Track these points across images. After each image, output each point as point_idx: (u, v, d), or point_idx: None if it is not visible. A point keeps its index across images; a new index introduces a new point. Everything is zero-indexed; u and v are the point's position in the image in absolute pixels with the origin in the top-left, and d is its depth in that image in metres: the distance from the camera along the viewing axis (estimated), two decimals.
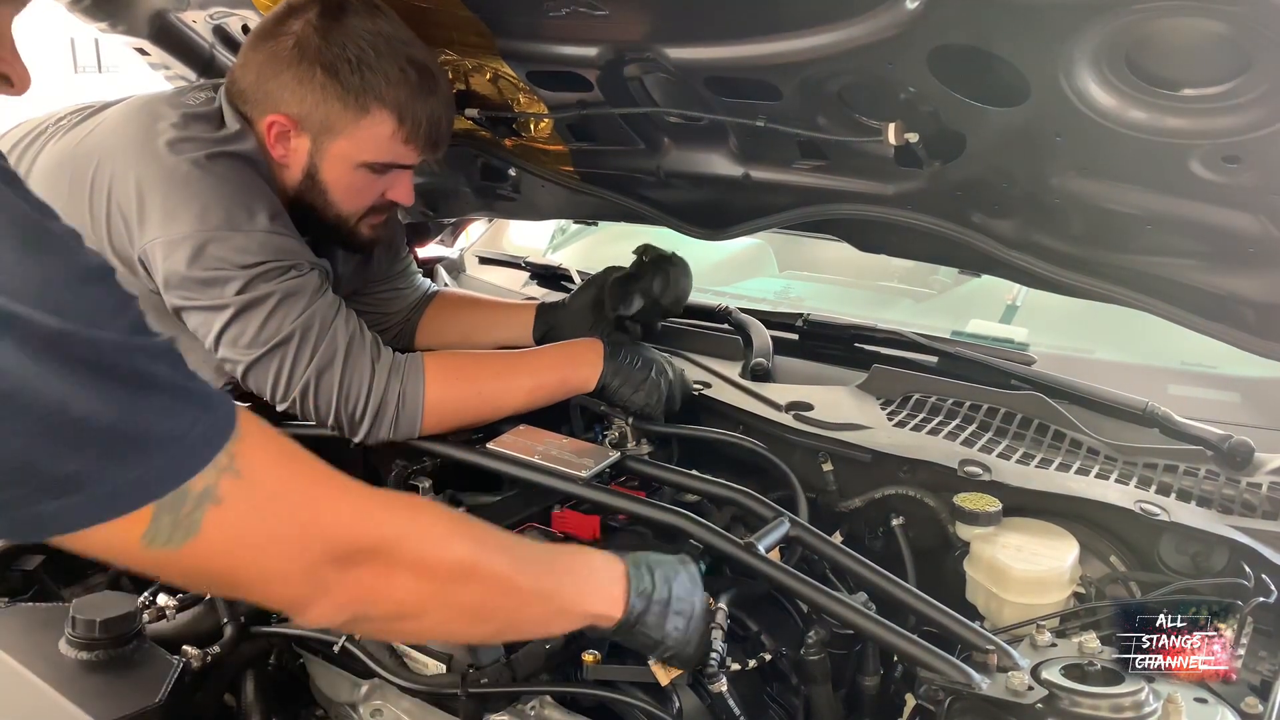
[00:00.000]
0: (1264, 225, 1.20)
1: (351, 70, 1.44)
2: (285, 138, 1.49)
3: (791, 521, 1.31)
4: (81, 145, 1.48)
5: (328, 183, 1.52)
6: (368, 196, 1.57)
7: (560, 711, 1.12)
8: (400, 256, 1.93)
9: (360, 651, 1.14)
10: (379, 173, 1.54)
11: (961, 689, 1.04)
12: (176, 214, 1.38)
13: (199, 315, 1.40)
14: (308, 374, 1.40)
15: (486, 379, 1.54)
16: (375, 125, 1.48)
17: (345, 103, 1.46)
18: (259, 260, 1.38)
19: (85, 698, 1.02)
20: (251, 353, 1.39)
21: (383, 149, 1.50)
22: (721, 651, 1.17)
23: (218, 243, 1.37)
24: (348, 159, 1.50)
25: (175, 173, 1.39)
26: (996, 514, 1.36)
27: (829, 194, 1.61)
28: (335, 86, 1.45)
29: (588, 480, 1.38)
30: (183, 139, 1.42)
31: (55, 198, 1.44)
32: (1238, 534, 1.32)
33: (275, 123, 1.48)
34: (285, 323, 1.38)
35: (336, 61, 1.44)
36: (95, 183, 1.42)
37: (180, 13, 1.84)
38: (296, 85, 1.46)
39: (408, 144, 1.51)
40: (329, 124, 1.47)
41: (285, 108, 1.47)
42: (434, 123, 1.52)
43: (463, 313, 1.96)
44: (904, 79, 1.26)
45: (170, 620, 1.22)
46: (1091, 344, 2.02)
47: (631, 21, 1.41)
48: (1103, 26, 1.03)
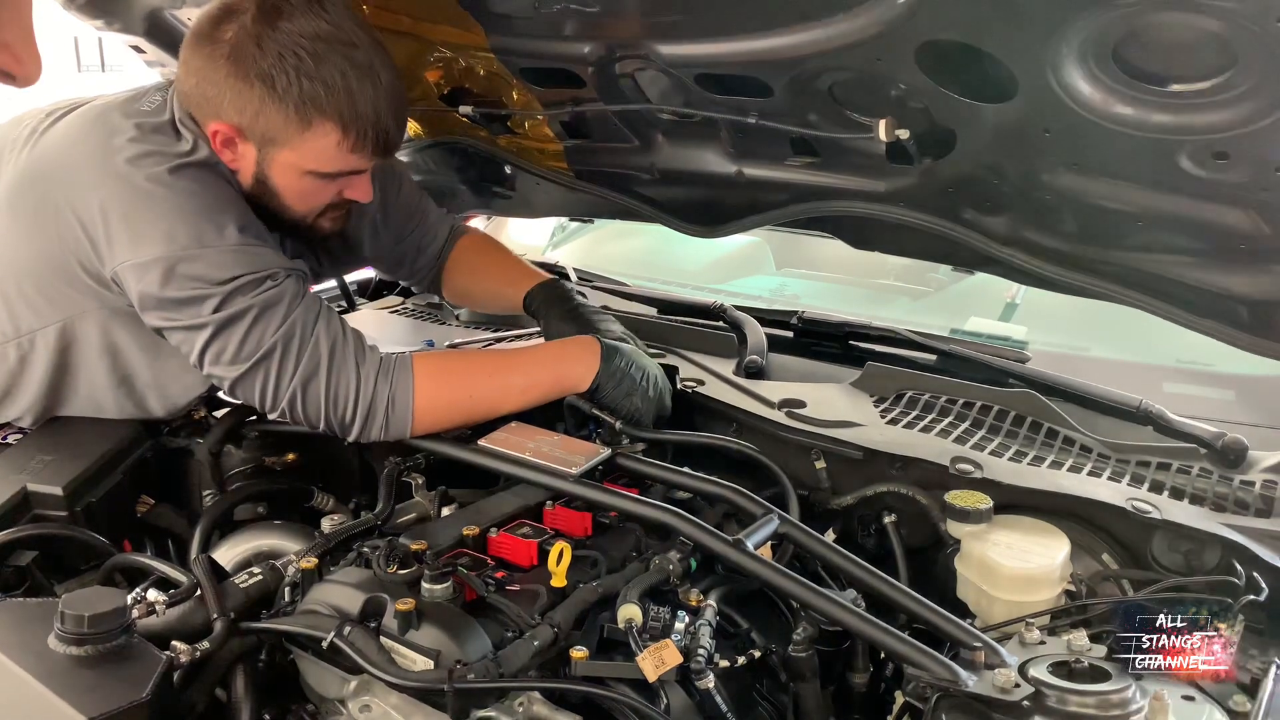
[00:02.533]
0: (1254, 221, 1.20)
1: (290, 81, 1.38)
2: (231, 145, 1.45)
3: (780, 518, 1.31)
4: (42, 160, 1.46)
5: (279, 188, 1.49)
6: (322, 198, 1.54)
7: (548, 707, 1.11)
8: (415, 213, 1.89)
9: (348, 647, 1.14)
10: (330, 179, 1.50)
11: (948, 686, 1.04)
12: (144, 235, 1.36)
13: (179, 334, 1.40)
14: (293, 384, 1.40)
15: (478, 379, 1.52)
16: (320, 137, 1.42)
17: (286, 116, 1.40)
18: (233, 275, 1.37)
19: (72, 692, 1.02)
20: (236, 369, 1.39)
21: (330, 159, 1.46)
22: (710, 648, 1.17)
23: (189, 261, 1.36)
24: (295, 168, 1.46)
25: (138, 191, 1.37)
26: (987, 511, 1.36)
27: (821, 191, 1.61)
28: (274, 99, 1.39)
29: (577, 477, 1.38)
30: (142, 154, 1.39)
31: (21, 216, 1.45)
32: (1230, 532, 1.31)
33: (219, 130, 1.43)
34: (266, 336, 1.38)
35: (273, 72, 1.38)
36: (58, 202, 1.41)
37: (175, 10, 1.85)
38: (234, 96, 1.40)
39: (355, 152, 1.45)
40: (271, 135, 1.43)
41: (226, 116, 1.42)
42: (380, 128, 1.45)
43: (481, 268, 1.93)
44: (894, 75, 1.26)
45: (160, 616, 1.21)
46: (1091, 342, 2.01)
47: (623, 18, 1.41)
48: (1090, 22, 1.03)
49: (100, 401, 1.54)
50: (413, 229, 1.89)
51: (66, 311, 1.46)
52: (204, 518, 1.51)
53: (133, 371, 1.52)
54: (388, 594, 1.19)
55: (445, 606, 1.19)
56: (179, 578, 1.27)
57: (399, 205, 1.86)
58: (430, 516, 1.49)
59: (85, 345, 1.49)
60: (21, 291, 1.47)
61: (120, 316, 1.47)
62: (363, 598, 1.20)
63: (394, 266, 1.97)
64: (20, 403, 1.54)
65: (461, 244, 1.95)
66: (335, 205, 1.57)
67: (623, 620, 1.18)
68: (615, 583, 1.26)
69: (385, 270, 2.07)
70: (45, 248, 1.43)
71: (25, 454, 1.48)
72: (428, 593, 1.20)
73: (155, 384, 1.54)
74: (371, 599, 1.19)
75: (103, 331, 1.48)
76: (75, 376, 1.52)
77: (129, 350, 1.50)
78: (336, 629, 1.16)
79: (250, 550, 1.51)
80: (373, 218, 1.81)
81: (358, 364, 1.43)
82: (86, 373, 1.51)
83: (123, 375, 1.52)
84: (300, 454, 1.69)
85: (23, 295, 1.47)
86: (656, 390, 1.61)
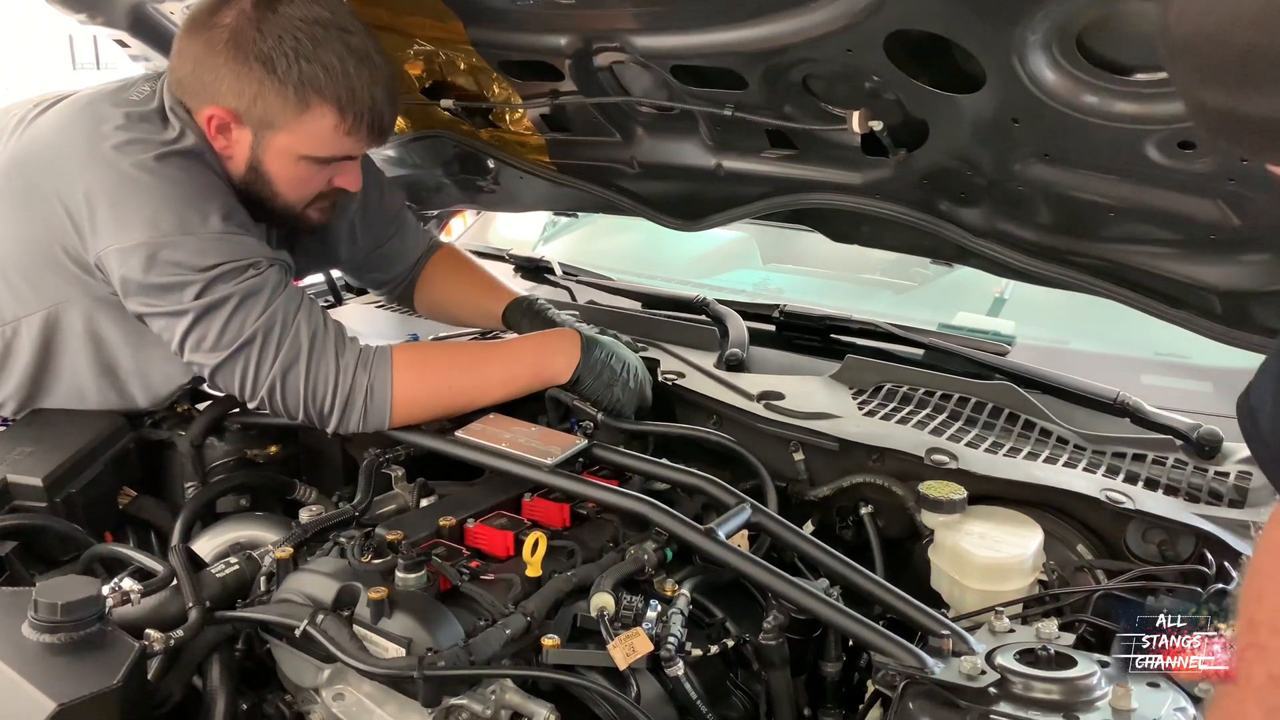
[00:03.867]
0: (1223, 212, 1.21)
1: (289, 64, 1.40)
2: (226, 130, 1.46)
3: (753, 508, 1.32)
4: (30, 147, 1.47)
5: (272, 174, 1.50)
6: (313, 186, 1.55)
7: (520, 695, 1.11)
8: (394, 220, 1.90)
9: (321, 636, 1.15)
10: (324, 164, 1.52)
11: (915, 674, 1.04)
12: (128, 220, 1.37)
13: (160, 321, 1.41)
14: (273, 373, 1.40)
15: (457, 370, 1.53)
16: (317, 120, 1.44)
17: (284, 98, 1.42)
18: (215, 262, 1.37)
19: (44, 679, 1.02)
20: (216, 356, 1.40)
21: (326, 142, 1.48)
22: (680, 636, 1.17)
23: (172, 248, 1.37)
24: (291, 152, 1.48)
25: (124, 177, 1.38)
26: (961, 501, 1.36)
27: (799, 184, 1.62)
28: (273, 81, 1.41)
29: (553, 467, 1.38)
30: (129, 141, 1.40)
31: (8, 202, 1.46)
32: (1204, 522, 1.32)
33: (214, 115, 1.45)
34: (247, 324, 1.39)
35: (273, 54, 1.40)
36: (44, 189, 1.42)
37: (158, 4, 1.85)
38: (233, 79, 1.42)
39: (350, 135, 1.47)
40: (269, 119, 1.44)
41: (223, 100, 1.44)
42: (376, 112, 1.48)
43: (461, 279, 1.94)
44: (865, 67, 1.26)
45: (135, 605, 1.22)
46: (1074, 335, 2.01)
47: (598, 9, 1.41)
48: (1054, 10, 1.04)
49: (83, 390, 1.55)
50: (390, 236, 1.90)
51: (51, 299, 1.47)
52: (185, 509, 1.51)
53: (116, 360, 1.53)
54: (361, 583, 1.19)
55: (418, 595, 1.20)
56: (157, 568, 1.28)
57: (380, 210, 1.86)
58: (409, 508, 1.50)
59: (69, 333, 1.50)
60: (7, 279, 1.48)
61: (104, 305, 1.47)
62: (336, 586, 1.20)
63: (367, 272, 1.95)
64: (4, 389, 1.55)
65: (437, 258, 1.96)
66: (324, 195, 1.59)
67: (595, 609, 1.19)
68: (590, 572, 1.26)
69: (357, 275, 2.03)
70: (31, 234, 1.44)
71: (6, 446, 1.48)
72: (401, 581, 1.20)
73: (138, 373, 1.54)
74: (345, 588, 1.20)
75: (87, 320, 1.49)
76: (59, 365, 1.53)
77: (112, 339, 1.51)
78: (309, 617, 1.16)
79: (230, 541, 1.52)
80: (351, 220, 1.81)
81: (337, 354, 1.44)
82: (70, 361, 1.52)
83: (106, 364, 1.53)
84: (283, 447, 1.69)
85: (8, 283, 1.48)
86: (637, 381, 1.61)
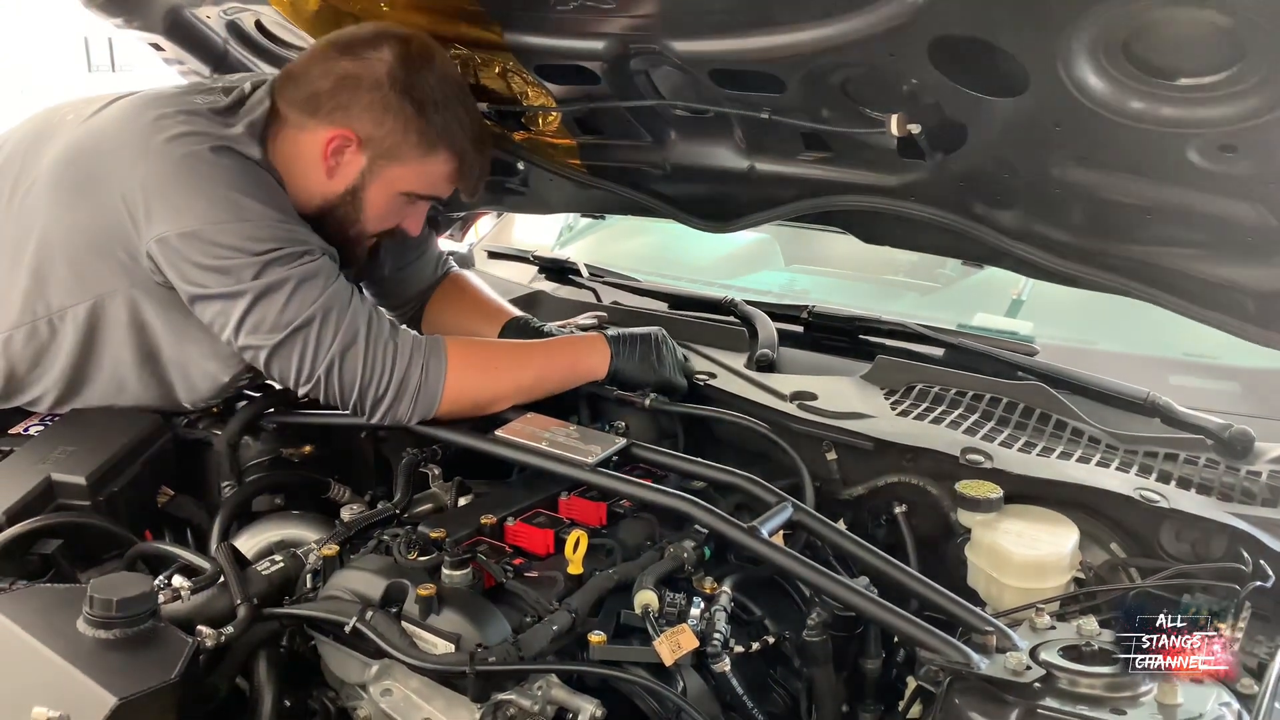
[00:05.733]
0: (1261, 214, 1.22)
1: (435, 110, 1.53)
2: (340, 152, 1.54)
3: (794, 506, 1.33)
4: (89, 138, 1.49)
5: (367, 201, 1.58)
6: (392, 220, 1.64)
7: (566, 691, 1.13)
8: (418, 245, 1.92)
9: (371, 632, 1.16)
10: (412, 202, 1.62)
11: (961, 669, 1.06)
12: (183, 207, 1.40)
13: (216, 304, 1.42)
14: (331, 352, 1.42)
15: (504, 362, 1.57)
16: (438, 164, 1.57)
17: (422, 137, 1.54)
18: (272, 246, 1.40)
19: (102, 674, 1.04)
20: (274, 337, 1.41)
21: (433, 184, 1.60)
22: (725, 633, 1.19)
23: (228, 232, 1.39)
24: (396, 186, 1.58)
25: (180, 165, 1.41)
26: (998, 500, 1.38)
27: (833, 186, 1.63)
28: (419, 123, 1.53)
29: (594, 466, 1.39)
30: (186, 133, 1.43)
31: (64, 190, 1.48)
32: (1237, 521, 1.33)
33: (339, 136, 1.52)
34: (305, 305, 1.40)
35: (424, 100, 1.52)
36: (100, 177, 1.44)
37: (195, 8, 1.87)
38: (381, 110, 1.52)
39: (452, 183, 1.61)
40: (396, 152, 1.54)
41: (357, 125, 1.52)
42: (484, 171, 1.66)
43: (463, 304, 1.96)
44: (906, 71, 1.28)
45: (185, 601, 1.23)
46: (1096, 336, 2.03)
47: (638, 15, 1.43)
48: (1101, 17, 1.05)
49: (124, 381, 1.56)
50: (413, 260, 1.92)
51: (98, 290, 1.49)
52: (224, 507, 1.52)
53: (158, 349, 1.54)
54: (408, 580, 1.21)
55: (465, 592, 1.21)
56: (202, 565, 1.29)
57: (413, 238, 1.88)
58: (447, 506, 1.51)
59: (114, 323, 1.51)
60: (55, 268, 1.49)
61: (150, 294, 1.49)
62: (384, 583, 1.22)
63: (383, 294, 1.92)
64: (45, 380, 1.56)
65: (446, 283, 1.97)
66: (385, 231, 1.66)
67: (639, 606, 1.20)
68: (631, 570, 1.28)
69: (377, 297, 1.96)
70: (84, 222, 1.46)
71: (48, 445, 1.49)
72: (448, 579, 1.22)
73: (178, 364, 1.56)
74: (393, 584, 1.21)
75: (132, 309, 1.50)
76: (101, 355, 1.54)
77: (155, 327, 1.52)
78: (359, 614, 1.18)
79: (270, 539, 1.53)
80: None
81: (394, 338, 1.46)
82: (112, 350, 1.53)
83: (148, 352, 1.54)
84: (317, 446, 1.70)
85: (56, 272, 1.49)
86: (669, 348, 1.68)
